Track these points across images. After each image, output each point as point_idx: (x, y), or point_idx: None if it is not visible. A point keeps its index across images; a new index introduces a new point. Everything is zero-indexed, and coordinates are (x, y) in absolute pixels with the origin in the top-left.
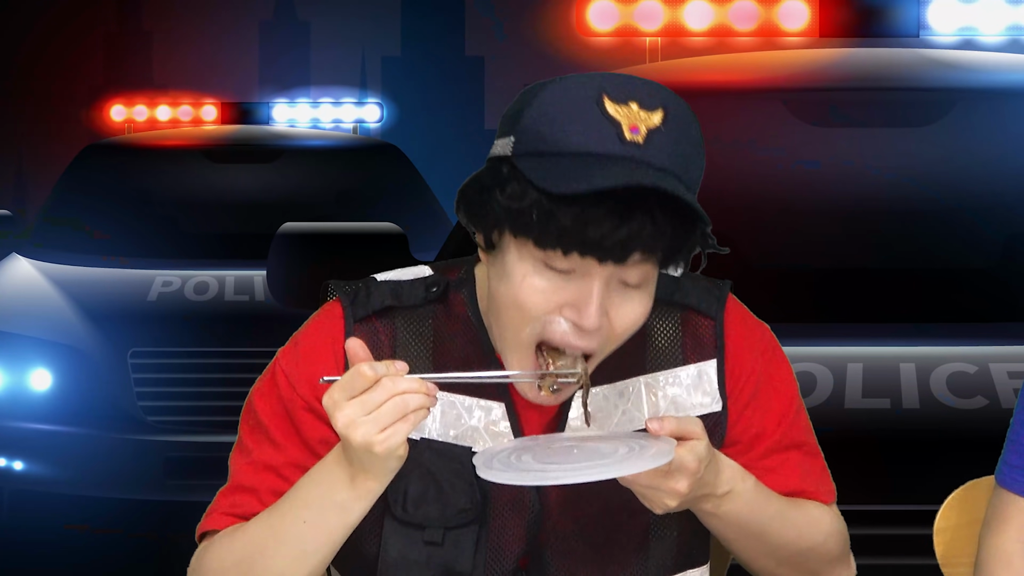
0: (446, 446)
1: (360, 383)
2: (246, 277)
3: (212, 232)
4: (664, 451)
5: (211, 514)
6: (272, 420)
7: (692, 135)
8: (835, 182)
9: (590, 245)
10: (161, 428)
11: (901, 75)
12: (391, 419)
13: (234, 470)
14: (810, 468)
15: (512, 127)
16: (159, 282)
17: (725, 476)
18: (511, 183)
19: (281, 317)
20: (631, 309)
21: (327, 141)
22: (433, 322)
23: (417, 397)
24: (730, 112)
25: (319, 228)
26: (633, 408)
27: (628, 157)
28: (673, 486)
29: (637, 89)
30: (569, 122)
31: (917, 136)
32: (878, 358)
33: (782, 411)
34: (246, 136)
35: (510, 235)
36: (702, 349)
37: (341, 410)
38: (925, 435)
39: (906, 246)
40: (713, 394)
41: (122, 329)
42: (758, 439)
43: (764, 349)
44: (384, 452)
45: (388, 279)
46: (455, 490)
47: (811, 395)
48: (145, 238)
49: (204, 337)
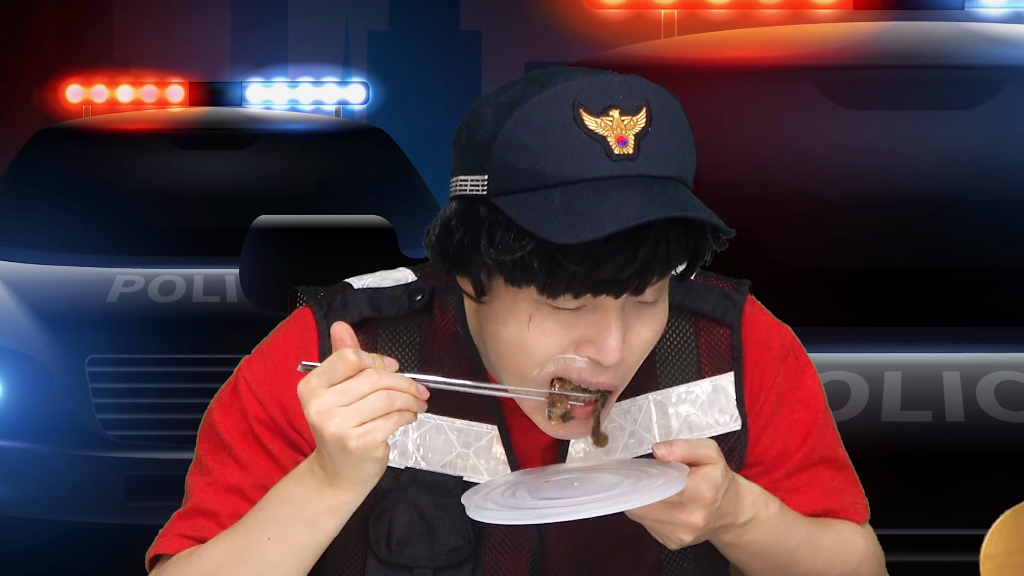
0: (433, 476)
1: (342, 369)
2: (217, 276)
3: (179, 226)
4: (674, 480)
5: (165, 536)
6: (235, 437)
7: (680, 125)
8: (870, 171)
9: (604, 284)
10: (122, 444)
11: (944, 52)
12: (372, 414)
13: (192, 491)
14: (840, 484)
15: (482, 162)
16: (120, 281)
17: (746, 503)
18: (499, 231)
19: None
20: (648, 327)
21: (307, 125)
22: (419, 337)
23: (404, 396)
24: (753, 93)
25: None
26: (642, 429)
27: (622, 176)
28: (687, 519)
29: (614, 92)
30: (549, 149)
31: (961, 119)
32: (919, 366)
33: (807, 425)
34: (217, 120)
35: (507, 284)
36: (718, 361)
37: (317, 397)
38: (971, 451)
39: (950, 241)
40: (731, 411)
41: (79, 334)
42: (781, 459)
43: (785, 355)
44: (359, 450)
45: (366, 286)
46: (445, 526)
47: (844, 407)
48: (104, 233)
49: (170, 343)
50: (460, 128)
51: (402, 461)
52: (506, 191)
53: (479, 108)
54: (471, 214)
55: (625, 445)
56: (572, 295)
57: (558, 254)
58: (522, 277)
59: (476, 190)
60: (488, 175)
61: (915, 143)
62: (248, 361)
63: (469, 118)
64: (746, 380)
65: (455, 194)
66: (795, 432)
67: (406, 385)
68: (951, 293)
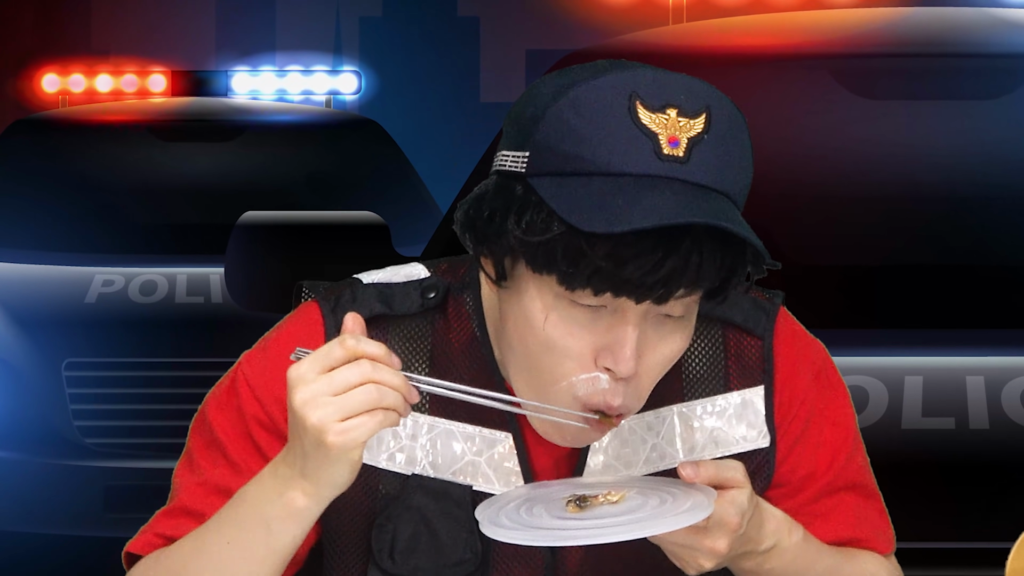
0: (441, 484)
1: (337, 355)
2: (201, 275)
3: (161, 223)
4: (702, 505)
5: (144, 533)
6: (229, 436)
7: (740, 140)
8: (889, 164)
9: (626, 285)
10: (101, 452)
11: (968, 39)
12: (357, 408)
13: (179, 487)
14: (867, 512)
15: (525, 139)
16: (98, 281)
17: (769, 529)
18: (529, 211)
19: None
20: (668, 344)
21: (295, 116)
22: (431, 337)
23: (394, 395)
24: (766, 83)
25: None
26: (664, 443)
27: (668, 177)
28: (711, 545)
29: (675, 91)
30: (597, 137)
31: (986, 110)
32: (941, 370)
33: (837, 447)
34: (201, 111)
35: (527, 268)
36: (748, 374)
37: (305, 383)
38: (996, 460)
39: (973, 238)
40: (760, 427)
41: (55, 336)
42: (808, 481)
43: (817, 372)
44: (337, 447)
45: (375, 281)
46: (452, 537)
47: (862, 413)
48: (82, 230)
49: (151, 346)
50: (515, 103)
51: (408, 467)
52: (545, 172)
53: (537, 84)
54: (506, 191)
55: (647, 459)
56: (592, 291)
57: (584, 244)
58: (544, 263)
59: (516, 167)
60: (530, 152)
61: (937, 135)
62: (248, 356)
63: (525, 93)
64: (776, 396)
65: (495, 169)
66: (823, 454)
67: (398, 383)
68: (975, 293)
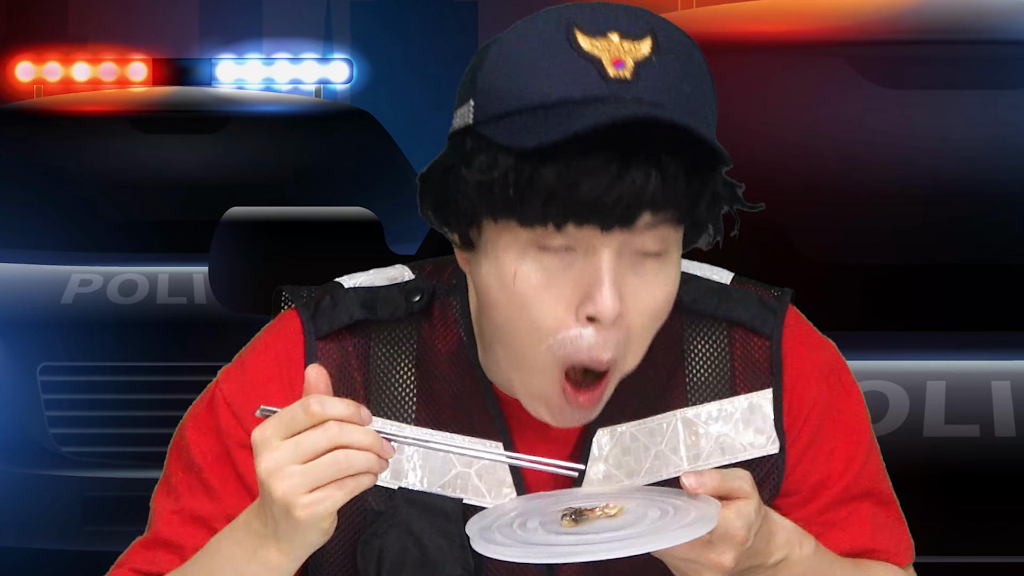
0: (430, 498)
1: (301, 420)
2: (183, 274)
3: (141, 219)
4: (706, 517)
5: (120, 567)
6: (207, 459)
7: (695, 62)
8: (911, 157)
9: (585, 208)
10: (78, 461)
11: (995, 25)
12: (325, 479)
13: (156, 515)
14: (883, 521)
15: (470, 91)
16: (75, 281)
17: (778, 541)
18: (479, 156)
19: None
20: (653, 290)
21: (283, 107)
22: (417, 342)
23: (364, 457)
24: (781, 71)
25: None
26: (668, 450)
27: (615, 96)
28: (716, 559)
29: (615, 16)
30: (536, 68)
31: (1013, 100)
32: (965, 374)
33: (850, 453)
34: (183, 101)
35: (490, 220)
36: (755, 376)
37: (269, 450)
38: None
39: (999, 236)
40: (768, 432)
41: (29, 339)
42: (820, 489)
43: (828, 374)
44: (306, 520)
45: (357, 285)
46: (442, 553)
47: (882, 420)
48: (58, 227)
49: (131, 349)
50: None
51: (395, 481)
52: (492, 116)
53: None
54: (456, 147)
55: (650, 468)
56: (554, 224)
57: (532, 170)
58: (501, 203)
59: (464, 122)
60: (474, 101)
61: (964, 126)
62: (226, 372)
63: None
64: (785, 399)
65: (450, 133)
66: (836, 460)
67: (370, 442)
68: (1001, 294)
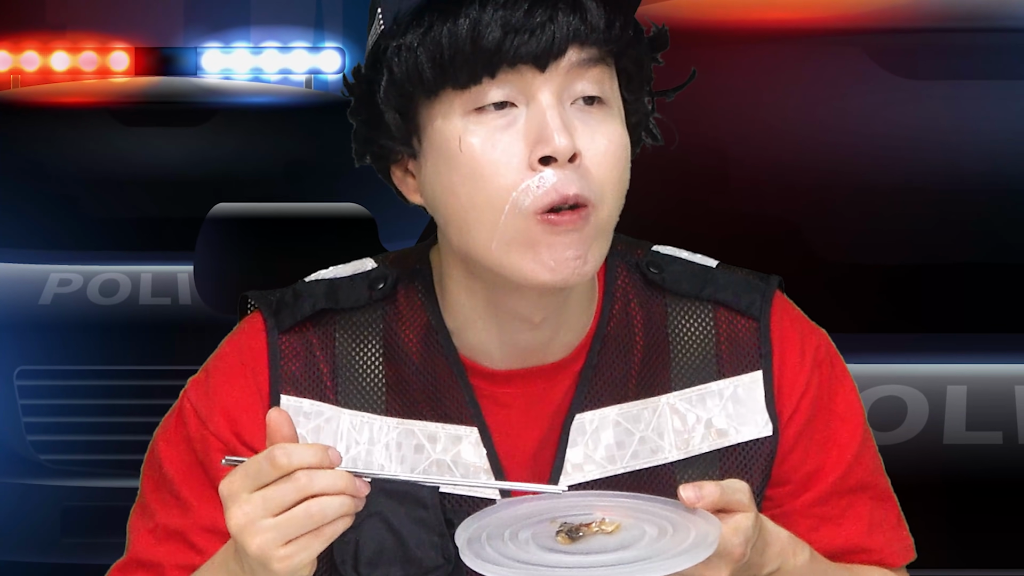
0: (406, 487)
1: (268, 472)
2: (167, 274)
3: (123, 216)
4: (705, 540)
5: None
6: (179, 471)
7: None
8: (932, 152)
9: (508, 50)
10: (57, 470)
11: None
12: (299, 530)
13: (133, 538)
14: (880, 519)
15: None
16: (54, 280)
17: (772, 552)
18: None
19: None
20: (603, 133)
21: (272, 98)
22: (383, 327)
23: (338, 502)
24: (794, 62)
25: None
26: (654, 435)
27: None
28: (711, 575)
29: None
30: None
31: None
32: (987, 379)
33: (844, 443)
34: (167, 92)
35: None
36: (743, 358)
37: (238, 504)
38: None
39: (1021, 234)
40: (759, 415)
41: (6, 342)
42: (813, 480)
43: (821, 360)
44: (285, 571)
45: (321, 278)
46: (420, 543)
47: (900, 427)
48: (36, 224)
49: (113, 352)
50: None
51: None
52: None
53: None
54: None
55: (635, 452)
56: (488, 75)
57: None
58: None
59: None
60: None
61: (985, 119)
62: (193, 382)
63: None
64: (776, 382)
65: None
66: (829, 450)
67: (342, 486)
68: None
